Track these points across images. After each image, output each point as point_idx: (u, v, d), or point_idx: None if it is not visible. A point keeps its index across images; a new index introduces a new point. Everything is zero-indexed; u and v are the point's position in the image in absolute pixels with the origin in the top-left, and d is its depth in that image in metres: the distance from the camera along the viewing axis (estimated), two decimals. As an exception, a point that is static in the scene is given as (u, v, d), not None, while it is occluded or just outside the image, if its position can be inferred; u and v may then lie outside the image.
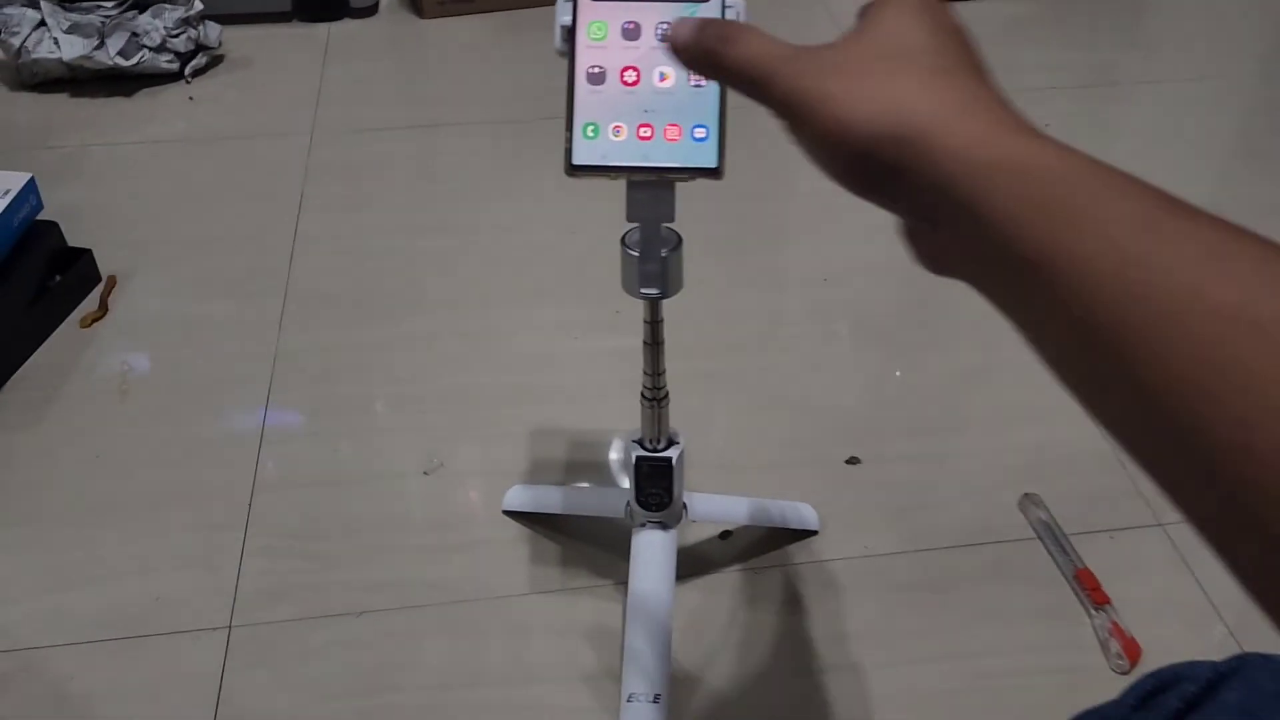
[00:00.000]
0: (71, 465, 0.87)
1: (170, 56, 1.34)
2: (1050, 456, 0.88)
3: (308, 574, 0.79)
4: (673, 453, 0.68)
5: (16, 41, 1.29)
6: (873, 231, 1.12)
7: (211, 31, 1.38)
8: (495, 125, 1.31)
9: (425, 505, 0.84)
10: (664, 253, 0.58)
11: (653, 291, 0.58)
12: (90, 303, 1.02)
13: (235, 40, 1.44)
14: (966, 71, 0.35)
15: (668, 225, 0.56)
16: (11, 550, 0.80)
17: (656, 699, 0.66)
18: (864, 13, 0.37)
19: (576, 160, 0.51)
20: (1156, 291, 0.28)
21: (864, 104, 0.34)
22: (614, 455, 0.88)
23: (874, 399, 0.93)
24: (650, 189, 0.54)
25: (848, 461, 0.87)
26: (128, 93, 1.35)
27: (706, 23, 0.38)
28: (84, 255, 1.03)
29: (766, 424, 0.91)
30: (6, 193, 0.97)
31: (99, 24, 1.30)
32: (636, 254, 0.58)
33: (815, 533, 0.81)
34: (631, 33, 0.52)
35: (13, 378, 0.95)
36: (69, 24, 1.30)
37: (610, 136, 0.51)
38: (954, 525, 0.82)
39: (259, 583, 0.78)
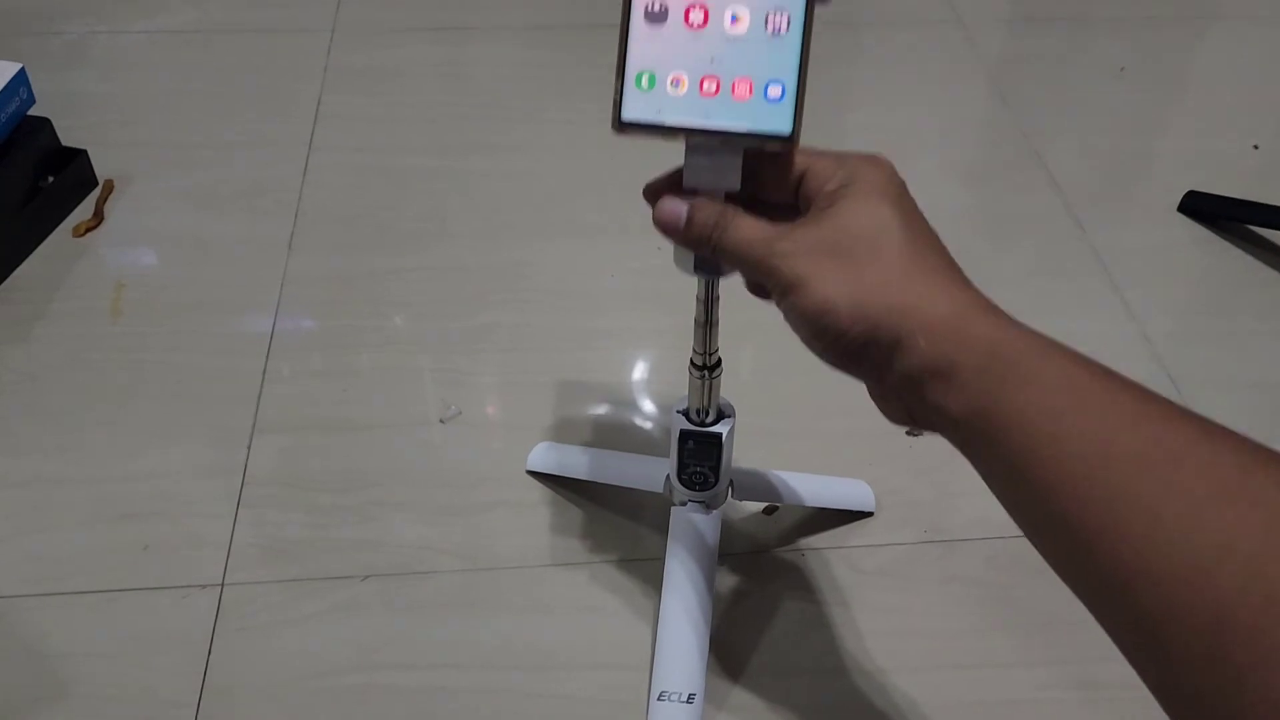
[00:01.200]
0: (58, 392, 0.79)
1: (182, -61, 1.23)
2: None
3: (309, 529, 0.71)
4: (723, 428, 0.59)
5: (15, -86, 1.18)
6: (946, 171, 1.03)
7: (228, -87, 1.26)
8: (532, 31, 1.20)
9: (440, 458, 0.76)
10: None
11: (709, 271, 0.49)
12: (85, 209, 0.94)
13: (254, -76, 1.33)
14: (934, 256, 0.41)
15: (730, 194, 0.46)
16: (-11, 484, 0.73)
17: (690, 699, 0.60)
18: (838, 195, 0.41)
19: (627, 115, 0.44)
20: (1074, 438, 0.34)
21: (848, 287, 0.39)
22: (652, 414, 0.80)
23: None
24: (712, 154, 0.45)
25: (909, 433, 0.78)
26: (135, -23, 1.24)
27: (699, 208, 0.44)
28: (79, 156, 0.94)
29: (821, 386, 0.82)
30: (-7, 84, 0.88)
31: (105, -102, 1.19)
32: None
33: (871, 514, 0.73)
34: None
35: (0, 287, 0.87)
36: (72, -103, 1.19)
37: (668, 89, 0.44)
38: (1023, 512, 0.74)
39: (256, 536, 0.71)
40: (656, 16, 0.43)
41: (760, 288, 0.45)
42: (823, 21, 0.44)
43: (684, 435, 0.60)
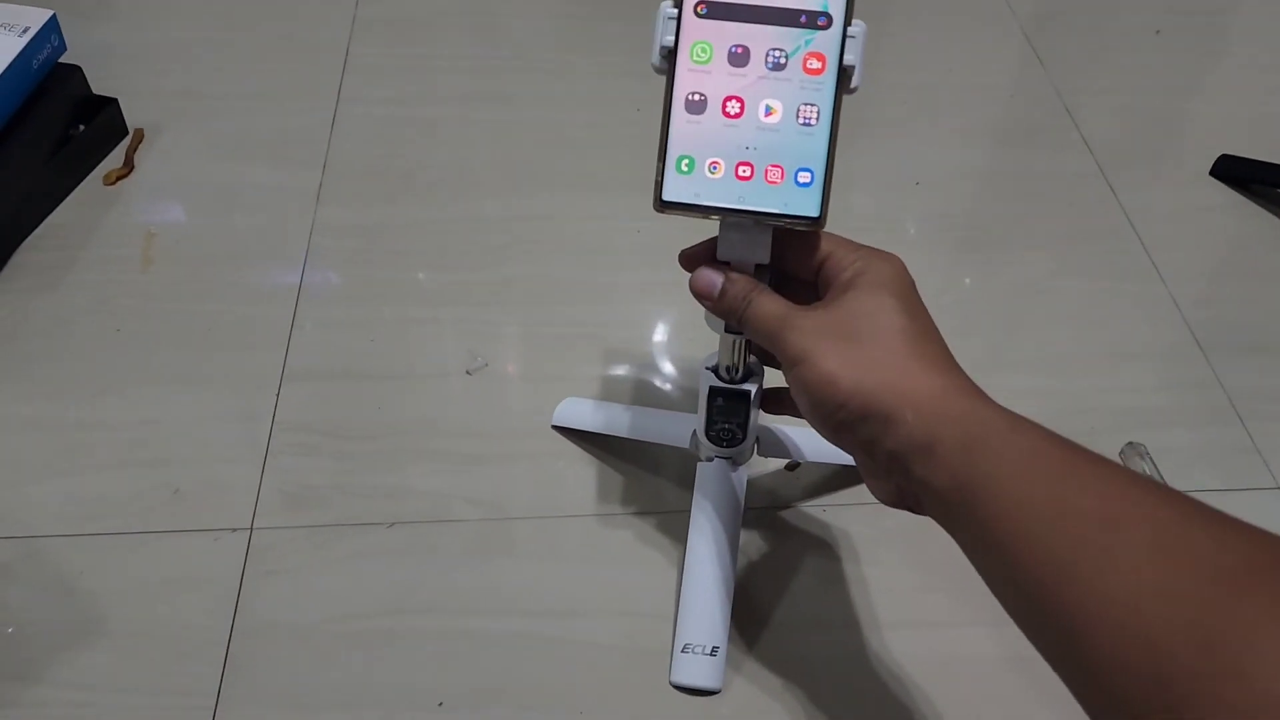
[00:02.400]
0: (89, 338, 0.80)
1: (210, -114, 1.22)
2: (1155, 403, 0.79)
3: (337, 475, 0.72)
4: (751, 385, 0.60)
5: None
6: (978, 130, 1.02)
7: None
8: (560, -15, 1.19)
9: (466, 409, 0.77)
10: None
11: (739, 331, 0.54)
12: (115, 158, 0.94)
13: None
14: (930, 345, 0.46)
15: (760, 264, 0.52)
16: (22, 427, 0.75)
17: (714, 651, 0.60)
18: (850, 284, 0.47)
19: (667, 196, 0.49)
20: (1036, 501, 0.37)
21: (849, 364, 0.44)
22: (676, 368, 0.80)
23: (963, 320, 0.84)
24: (745, 231, 0.50)
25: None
26: (165, -75, 1.24)
27: (731, 282, 0.50)
28: (110, 105, 0.95)
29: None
30: (25, 31, 0.88)
31: None
32: None
33: (893, 471, 0.73)
34: (740, 58, 0.48)
35: (31, 236, 0.88)
36: None
37: (706, 173, 0.49)
38: (1047, 473, 0.74)
39: (284, 482, 0.72)
40: (697, 107, 0.48)
41: (769, 356, 0.52)
42: None
43: (713, 392, 0.60)
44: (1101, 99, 1.06)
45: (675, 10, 0.48)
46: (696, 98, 0.48)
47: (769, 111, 0.48)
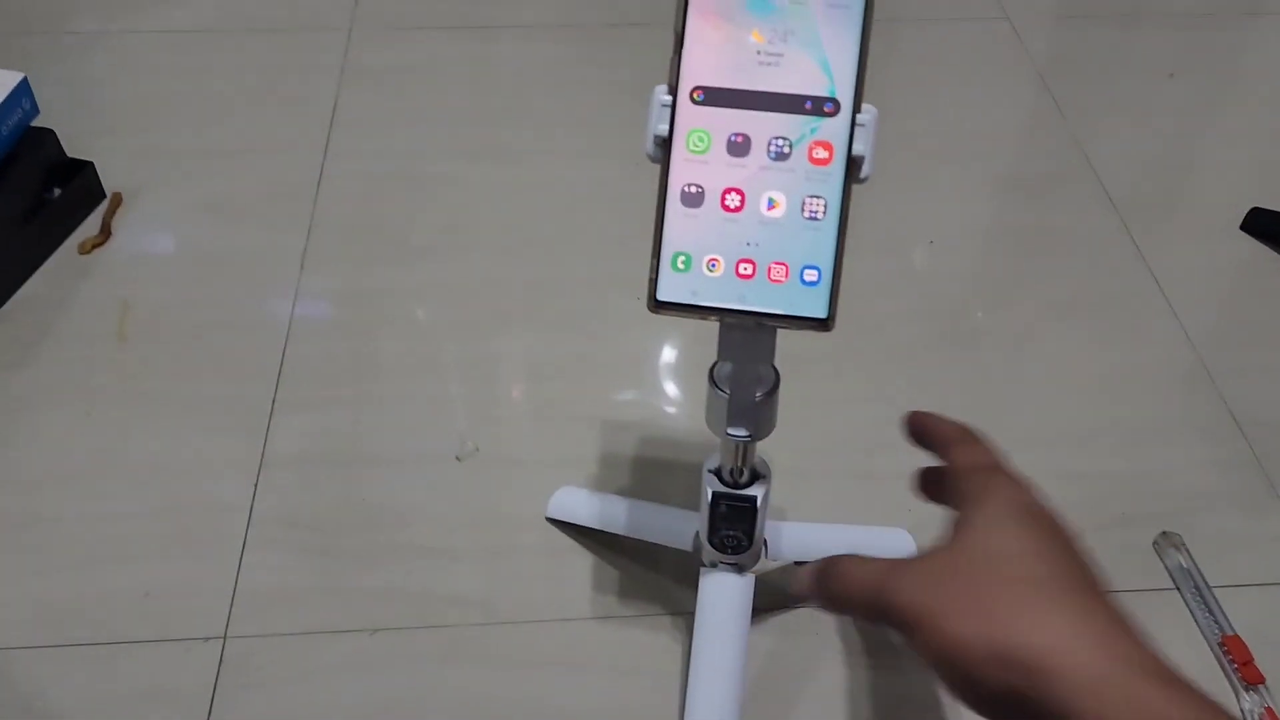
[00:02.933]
0: (61, 421, 0.76)
1: (196, -69, 1.19)
2: (1190, 486, 0.74)
3: (316, 575, 0.68)
4: (758, 490, 0.55)
5: (24, -93, 1.15)
6: (994, 181, 0.97)
7: (243, -97, 1.22)
8: (556, 30, 1.15)
9: (455, 498, 0.72)
10: (758, 396, 0.50)
11: (741, 433, 0.51)
12: (91, 224, 0.91)
13: (270, -86, 1.28)
14: (1073, 585, 0.35)
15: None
16: (-13, 522, 0.71)
17: (719, 778, 0.56)
18: (960, 522, 0.39)
19: (662, 296, 0.45)
20: None
21: (976, 623, 0.34)
22: (681, 452, 0.75)
23: (980, 395, 0.79)
24: (747, 333, 0.46)
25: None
26: (149, -28, 1.20)
27: (819, 568, 0.42)
28: (85, 168, 0.91)
29: (852, 422, 0.77)
30: (-6, 95, 0.84)
31: (116, -110, 1.15)
32: (726, 394, 0.50)
33: (910, 566, 0.69)
34: (740, 147, 0.44)
35: (3, 308, 0.84)
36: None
37: (704, 270, 0.45)
38: (1075, 565, 0.69)
39: (261, 583, 0.68)
40: (693, 199, 0.44)
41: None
42: None
43: (716, 498, 0.56)
44: (1120, 145, 1.01)
45: (670, 97, 0.44)
46: (693, 190, 0.44)
47: (772, 204, 0.44)
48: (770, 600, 0.67)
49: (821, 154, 0.44)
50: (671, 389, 0.80)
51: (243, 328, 0.83)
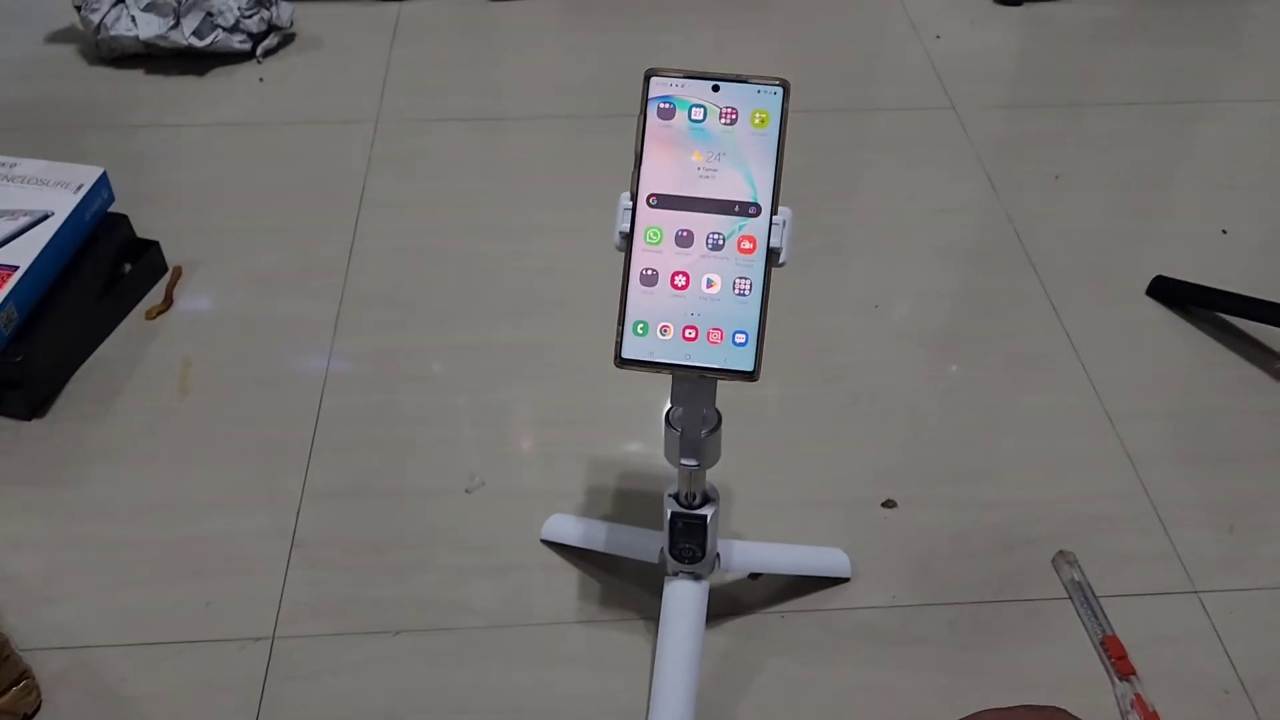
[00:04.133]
0: (133, 462, 0.91)
1: (243, 37, 1.36)
2: (1087, 511, 0.87)
3: (349, 586, 0.82)
4: (707, 510, 0.69)
5: (96, 18, 1.32)
6: (936, 253, 1.12)
7: (284, 11, 1.39)
8: (561, 120, 1.31)
9: (465, 524, 0.86)
10: (704, 433, 0.63)
11: (691, 463, 0.64)
12: (156, 294, 1.06)
13: (307, 18, 1.46)
14: None
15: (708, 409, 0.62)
16: (77, 546, 0.84)
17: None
18: None
19: (626, 354, 0.57)
20: None
21: None
22: (658, 484, 0.89)
23: (915, 438, 0.93)
24: (692, 383, 0.59)
25: (884, 504, 0.87)
26: (200, 71, 1.37)
27: None
28: (152, 247, 1.06)
29: (802, 458, 0.91)
30: (80, 187, 1.00)
31: (175, 3, 1.32)
32: (678, 431, 0.63)
33: (848, 580, 0.82)
34: (685, 240, 0.57)
35: (82, 367, 0.99)
36: (146, 2, 1.32)
37: (658, 335, 0.58)
38: (985, 579, 0.82)
39: (303, 593, 0.81)
40: (649, 280, 0.57)
41: None
42: (827, 108, 0.56)
43: (674, 517, 0.69)
44: (1049, 220, 1.16)
45: (631, 202, 0.58)
46: (649, 273, 0.58)
47: (710, 284, 0.57)
48: (725, 607, 0.80)
49: (748, 245, 0.58)
50: (644, 432, 0.94)
51: (285, 381, 0.98)
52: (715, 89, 0.58)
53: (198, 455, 0.91)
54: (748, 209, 0.58)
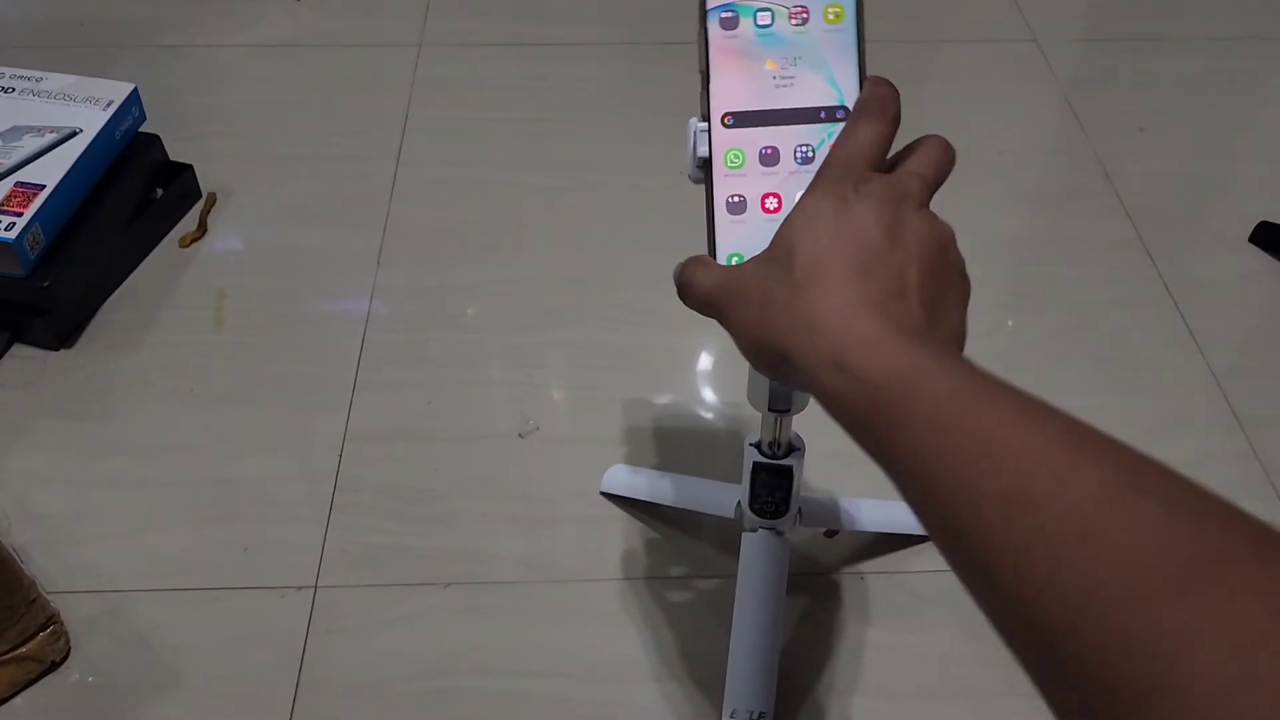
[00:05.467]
0: (166, 397, 0.85)
1: (279, -46, 1.29)
2: (1192, 475, 0.80)
3: (395, 535, 0.76)
4: (793, 460, 0.63)
5: (125, -69, 1.25)
6: (1018, 194, 1.04)
7: (322, -72, 1.31)
8: (610, 47, 1.23)
9: (518, 471, 0.80)
10: None
11: (781, 408, 0.59)
12: (189, 221, 1.00)
13: (345, -63, 1.38)
14: (833, 279, 0.40)
15: None
16: (107, 484, 0.79)
17: (760, 717, 0.63)
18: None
19: None
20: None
21: (749, 331, 0.42)
22: (724, 431, 0.83)
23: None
24: None
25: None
26: (235, -10, 1.30)
27: (679, 269, 0.47)
28: (185, 170, 1.00)
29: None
30: (110, 104, 0.93)
31: (208, -84, 1.25)
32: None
33: (929, 539, 0.76)
34: (770, 158, 0.50)
35: (113, 296, 0.93)
36: (178, -86, 1.25)
37: None
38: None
39: (346, 542, 0.76)
40: (737, 208, 0.50)
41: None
42: (894, 39, 0.48)
43: (757, 467, 0.63)
44: (1140, 161, 1.08)
45: (705, 123, 0.51)
46: (736, 199, 0.51)
47: None
48: (799, 566, 0.74)
49: None
50: (707, 377, 0.87)
51: (326, 317, 0.92)
52: None
53: (233, 392, 0.86)
54: (835, 114, 0.51)
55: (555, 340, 0.90)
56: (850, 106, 0.51)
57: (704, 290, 0.45)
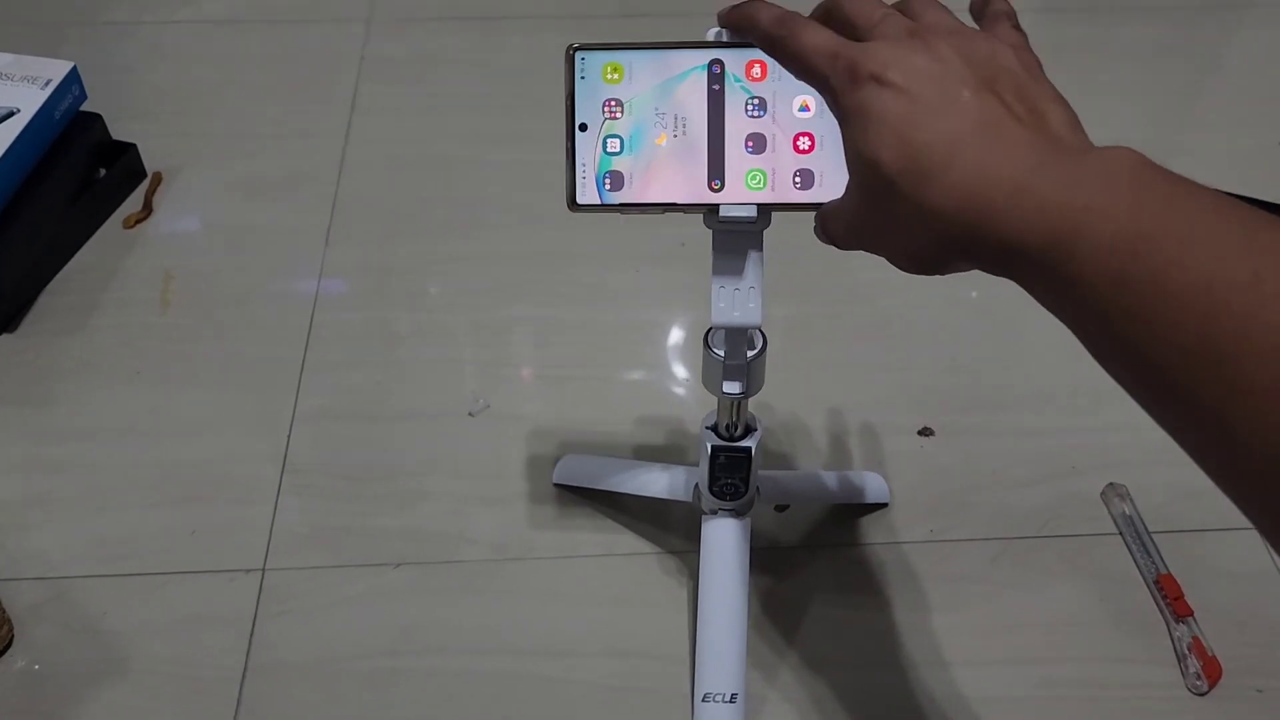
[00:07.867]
0: (112, 380, 0.84)
1: (224, -73, 1.26)
2: (1139, 441, 0.81)
3: (345, 516, 0.76)
4: (751, 442, 0.62)
5: (64, -96, 1.22)
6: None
7: (268, -100, 1.29)
8: (566, 20, 1.22)
9: (469, 450, 0.80)
10: (749, 355, 0.56)
11: (735, 390, 0.57)
12: (134, 201, 0.98)
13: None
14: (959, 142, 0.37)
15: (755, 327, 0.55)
16: (52, 469, 0.78)
17: (733, 699, 0.63)
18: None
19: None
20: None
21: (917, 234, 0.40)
22: (680, 410, 0.83)
23: (953, 363, 0.86)
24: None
25: (920, 432, 0.81)
26: (179, -36, 1.27)
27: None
28: (129, 150, 0.98)
29: (834, 384, 0.85)
30: (48, 83, 0.91)
31: (150, -112, 1.22)
32: (720, 355, 0.56)
33: (885, 505, 0.76)
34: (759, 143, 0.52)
35: (55, 279, 0.91)
36: (119, -113, 1.22)
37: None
38: (1029, 513, 0.76)
39: (295, 523, 0.75)
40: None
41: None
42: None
43: (715, 451, 0.62)
44: (1093, 131, 1.08)
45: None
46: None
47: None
48: (760, 543, 0.74)
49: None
50: (670, 354, 0.87)
51: (274, 296, 0.91)
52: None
53: (181, 374, 0.85)
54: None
55: (508, 317, 0.90)
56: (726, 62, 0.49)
57: (840, 237, 0.45)
